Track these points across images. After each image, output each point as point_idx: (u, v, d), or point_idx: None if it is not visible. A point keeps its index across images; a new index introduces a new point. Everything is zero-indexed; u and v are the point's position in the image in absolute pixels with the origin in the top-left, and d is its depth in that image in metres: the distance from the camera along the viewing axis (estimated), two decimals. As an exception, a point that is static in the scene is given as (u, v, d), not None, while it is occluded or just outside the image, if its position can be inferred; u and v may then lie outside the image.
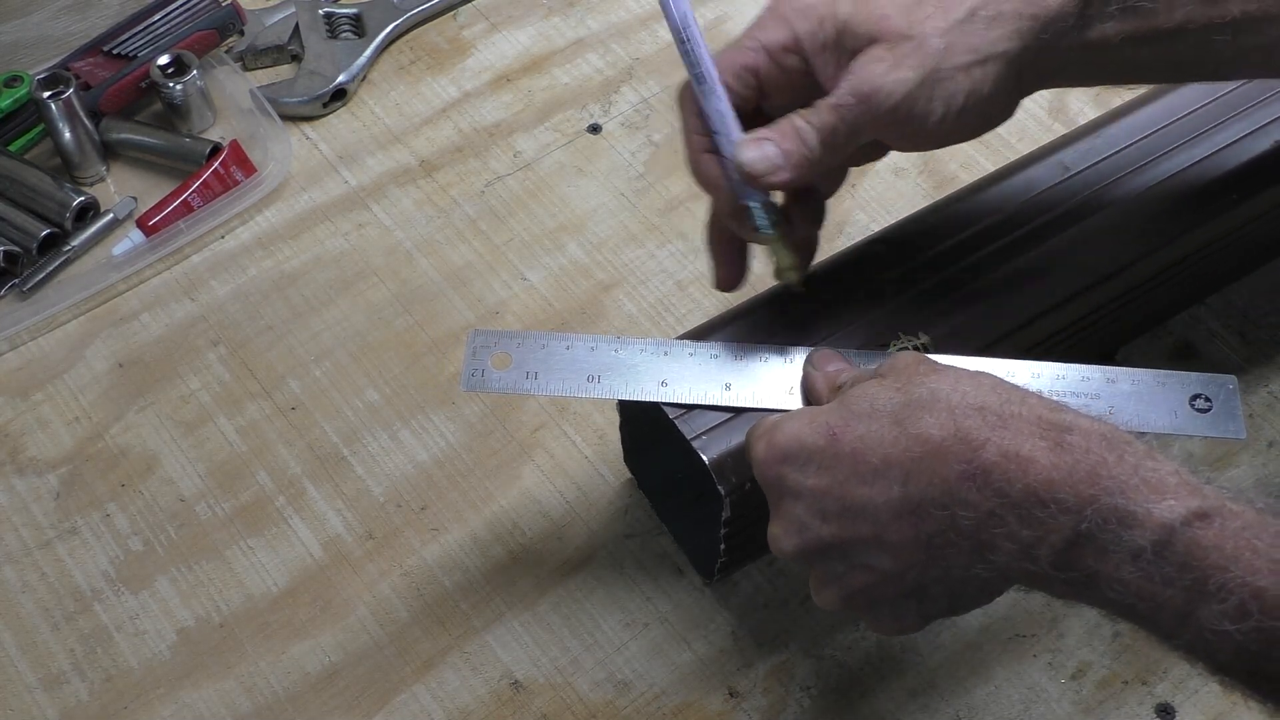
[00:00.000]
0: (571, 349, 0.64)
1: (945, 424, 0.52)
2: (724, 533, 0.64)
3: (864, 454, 0.53)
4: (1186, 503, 0.48)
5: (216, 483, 0.76)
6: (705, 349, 0.64)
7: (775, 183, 0.61)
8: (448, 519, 0.74)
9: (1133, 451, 0.50)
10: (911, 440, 0.52)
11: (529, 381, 0.63)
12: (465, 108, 0.93)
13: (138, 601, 0.72)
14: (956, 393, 0.52)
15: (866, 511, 0.53)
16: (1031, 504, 0.50)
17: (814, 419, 0.55)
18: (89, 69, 0.89)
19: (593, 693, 0.68)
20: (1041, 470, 0.50)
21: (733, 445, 0.62)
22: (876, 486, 0.53)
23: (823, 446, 0.54)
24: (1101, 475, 0.49)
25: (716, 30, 0.97)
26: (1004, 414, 0.52)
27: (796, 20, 0.60)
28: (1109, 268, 0.69)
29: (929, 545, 0.53)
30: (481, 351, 0.64)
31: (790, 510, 0.56)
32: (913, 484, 0.52)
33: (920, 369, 0.55)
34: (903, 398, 0.53)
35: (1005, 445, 0.51)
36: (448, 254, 0.85)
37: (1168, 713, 0.67)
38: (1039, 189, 0.71)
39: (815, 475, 0.54)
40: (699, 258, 0.84)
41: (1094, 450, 0.50)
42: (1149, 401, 0.61)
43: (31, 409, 0.79)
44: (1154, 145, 0.72)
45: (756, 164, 0.60)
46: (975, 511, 0.51)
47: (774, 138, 0.60)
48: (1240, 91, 0.73)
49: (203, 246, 0.86)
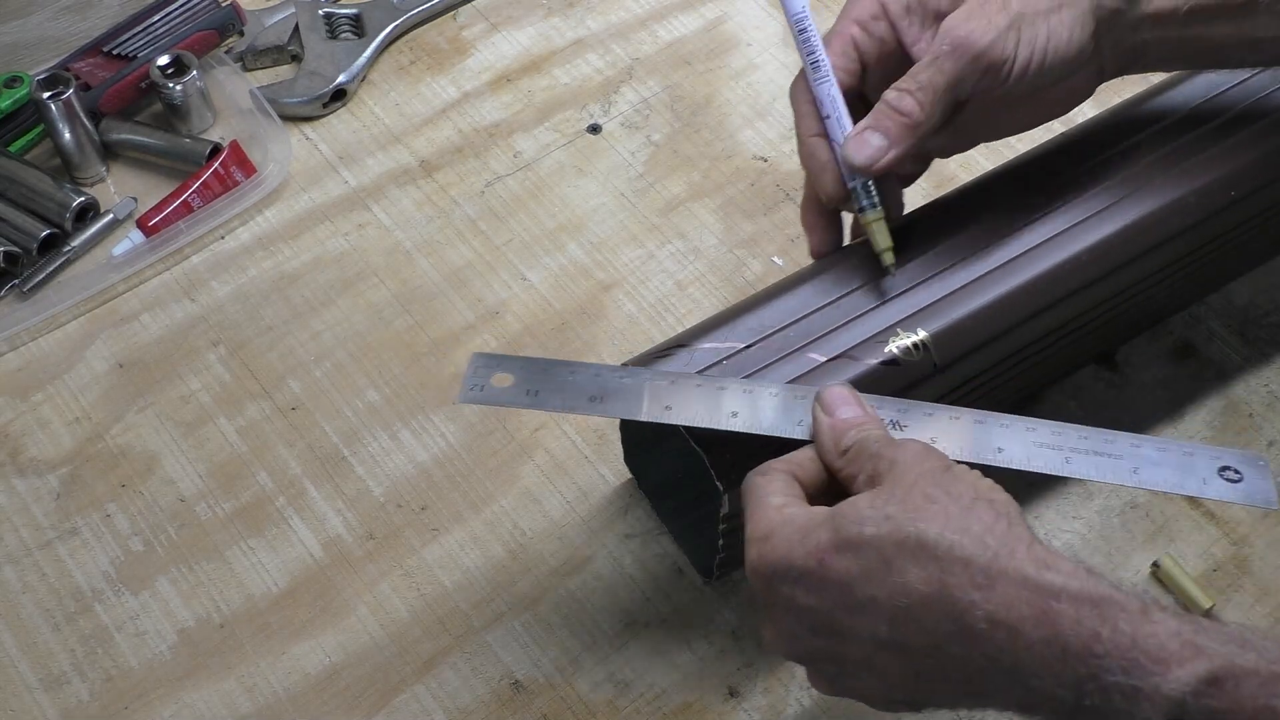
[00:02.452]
0: (575, 375, 0.62)
1: (931, 579, 0.50)
2: (722, 529, 0.64)
3: (850, 586, 0.52)
4: (1193, 669, 0.46)
5: (217, 483, 0.76)
6: (712, 381, 0.62)
7: (885, 166, 0.64)
8: (448, 519, 0.74)
9: (1126, 617, 0.48)
10: (896, 587, 0.51)
11: (529, 398, 0.62)
12: (465, 108, 0.93)
13: (138, 602, 0.72)
14: (944, 541, 0.50)
15: (853, 639, 0.53)
16: (1023, 674, 0.49)
17: (806, 538, 0.53)
18: (89, 69, 0.89)
19: (593, 693, 0.68)
20: (1029, 644, 0.48)
21: (731, 442, 0.62)
22: (863, 620, 0.52)
23: (811, 569, 0.53)
24: (1096, 651, 0.47)
25: (716, 30, 0.97)
26: (991, 572, 0.50)
27: None
28: (1107, 266, 0.69)
29: (918, 679, 0.52)
30: (482, 371, 0.62)
31: (781, 619, 0.55)
32: (899, 630, 0.51)
33: (915, 496, 0.52)
34: (891, 531, 0.51)
35: (992, 611, 0.49)
36: (448, 254, 0.85)
37: None
38: (1038, 187, 0.71)
39: (804, 595, 0.53)
40: (699, 257, 0.85)
41: (1085, 622, 0.48)
42: (1176, 469, 0.59)
43: (32, 409, 0.79)
44: (1154, 142, 0.72)
45: (862, 157, 0.64)
46: (966, 667, 0.50)
47: (873, 124, 0.64)
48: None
49: (203, 247, 0.86)
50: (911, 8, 0.65)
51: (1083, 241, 0.68)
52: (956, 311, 0.66)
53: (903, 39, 0.65)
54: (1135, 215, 0.70)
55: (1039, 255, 0.68)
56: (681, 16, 0.98)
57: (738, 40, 0.96)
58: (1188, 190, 0.70)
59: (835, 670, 0.55)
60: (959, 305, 0.66)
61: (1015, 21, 0.62)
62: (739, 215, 0.87)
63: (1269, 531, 0.73)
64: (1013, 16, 0.62)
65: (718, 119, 0.92)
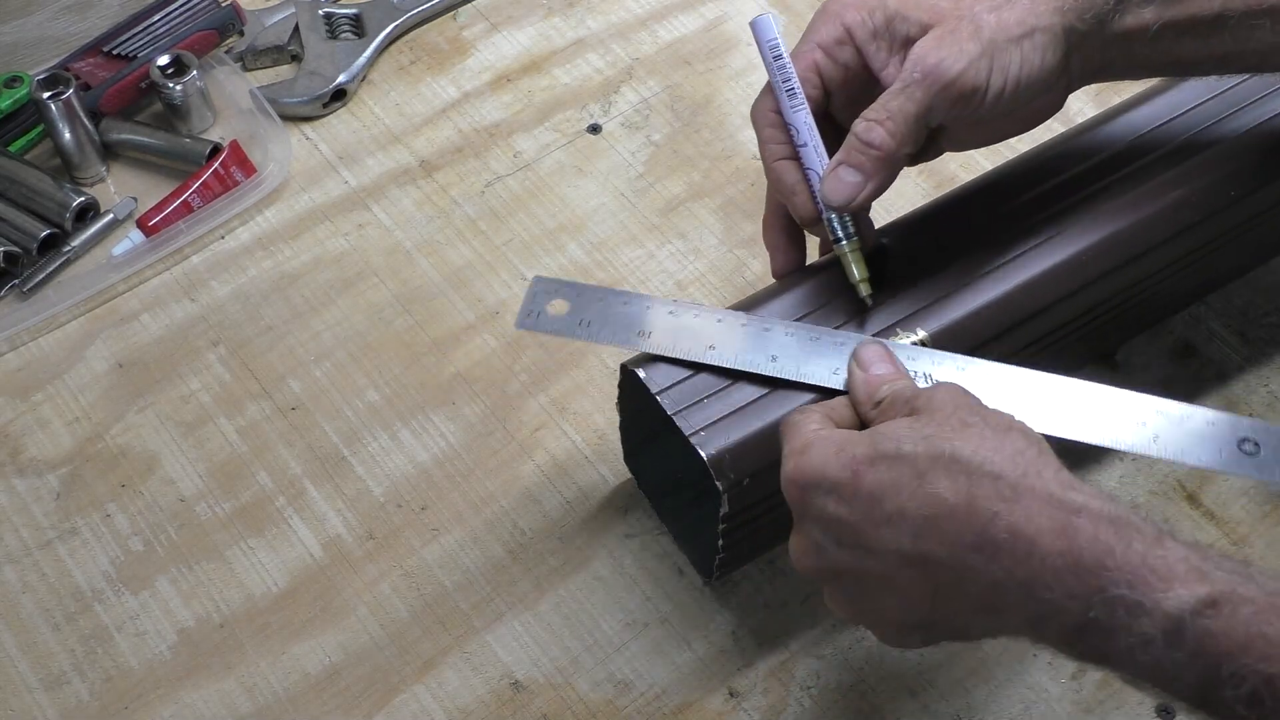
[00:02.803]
0: (628, 305, 0.65)
1: (960, 489, 0.52)
2: (722, 529, 0.64)
3: (880, 499, 0.53)
4: (1195, 591, 0.48)
5: (217, 483, 0.76)
6: (758, 322, 0.64)
7: (862, 202, 0.63)
8: (448, 519, 0.74)
9: (1141, 538, 0.50)
10: (926, 498, 0.52)
11: (581, 329, 0.65)
12: (465, 108, 0.93)
13: (138, 602, 0.72)
14: (977, 456, 0.52)
15: (878, 552, 0.54)
16: (1036, 585, 0.50)
17: (841, 450, 0.55)
18: (89, 69, 0.89)
19: (593, 693, 0.68)
20: (1046, 555, 0.50)
21: (731, 441, 0.62)
22: (889, 532, 0.53)
23: (845, 481, 0.54)
24: (1108, 565, 0.49)
25: (716, 30, 0.97)
26: (1018, 486, 0.51)
27: (845, 13, 0.64)
28: (1107, 265, 0.69)
29: (935, 595, 0.53)
30: (540, 296, 0.66)
31: (810, 531, 0.56)
32: (923, 540, 0.52)
33: (953, 421, 0.54)
34: (927, 448, 0.53)
35: (1014, 522, 0.51)
36: (448, 254, 0.85)
37: (1168, 713, 0.67)
38: (1039, 187, 0.71)
39: (835, 505, 0.55)
40: (699, 257, 0.85)
41: (1101, 537, 0.50)
42: (1196, 436, 0.60)
43: (32, 409, 0.79)
44: (1154, 141, 0.72)
45: (840, 198, 0.63)
46: (982, 579, 0.51)
47: (846, 159, 0.63)
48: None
49: (203, 247, 0.86)
50: (878, 33, 0.64)
51: (1083, 242, 0.68)
52: (957, 311, 0.66)
53: (870, 64, 0.65)
54: (1137, 215, 0.70)
55: (1039, 255, 0.68)
56: (681, 16, 0.98)
57: (738, 40, 0.96)
58: (1189, 189, 0.70)
59: (855, 589, 0.56)
60: (959, 305, 0.67)
61: (987, 49, 0.61)
62: (739, 215, 0.87)
63: (1269, 531, 0.73)
64: (984, 44, 0.61)
65: (718, 119, 0.92)
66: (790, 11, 0.98)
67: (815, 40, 0.65)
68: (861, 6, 0.64)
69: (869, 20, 0.64)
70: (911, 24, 0.63)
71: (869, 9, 0.64)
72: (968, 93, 0.62)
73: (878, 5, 0.64)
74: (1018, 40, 0.62)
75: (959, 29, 0.62)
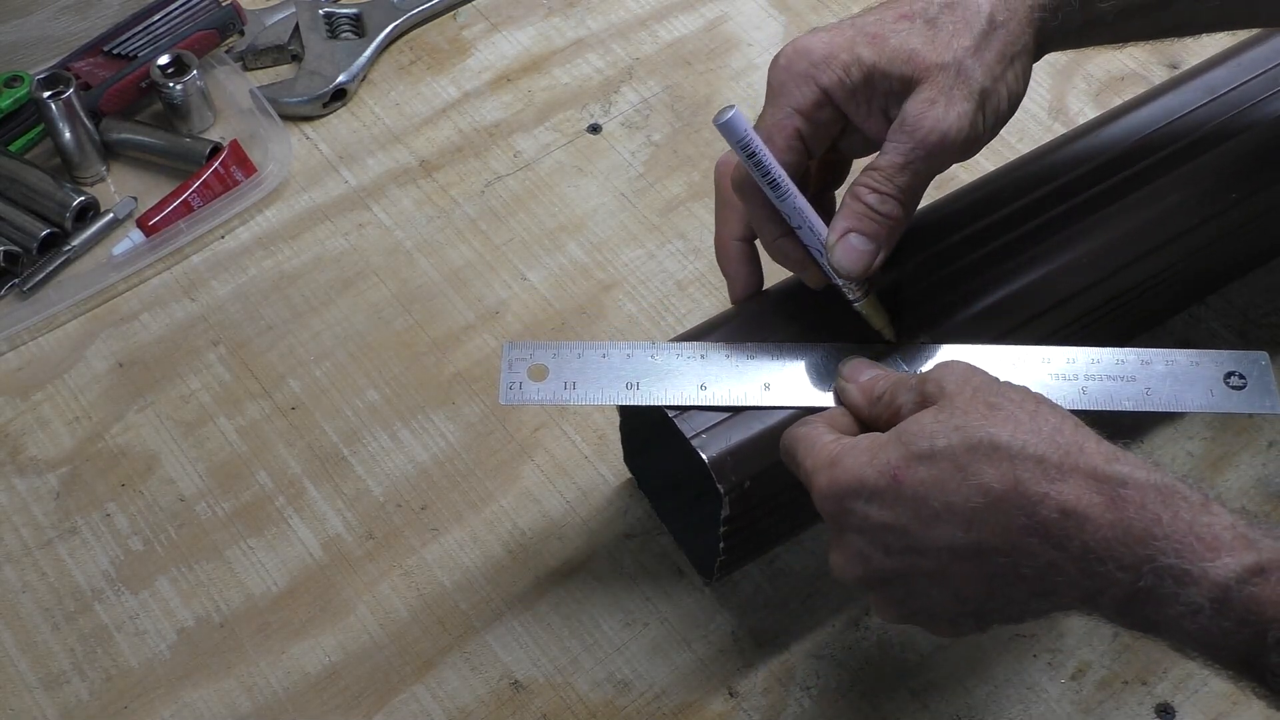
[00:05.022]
0: (607, 357, 0.64)
1: (1005, 476, 0.52)
2: (723, 531, 0.64)
3: (925, 498, 0.53)
4: (1242, 559, 0.48)
5: (216, 483, 0.76)
6: (741, 351, 0.64)
7: (876, 267, 0.62)
8: (448, 519, 0.74)
9: (1188, 506, 0.50)
10: (973, 490, 0.52)
11: (568, 391, 0.63)
12: (465, 108, 0.93)
13: (138, 601, 0.72)
14: (1016, 441, 0.52)
15: (929, 551, 0.54)
16: (1090, 560, 0.51)
17: (875, 457, 0.55)
18: (89, 69, 0.89)
19: (593, 693, 0.69)
20: (1098, 529, 0.50)
21: (732, 443, 0.62)
22: (939, 529, 0.53)
23: (885, 486, 0.54)
24: (1156, 534, 0.50)
25: (716, 30, 0.97)
26: (1063, 466, 0.52)
27: (819, 74, 0.61)
28: (1109, 267, 0.69)
29: (991, 582, 0.54)
30: (517, 364, 0.63)
31: (853, 542, 0.56)
32: (975, 531, 0.52)
33: (978, 406, 0.54)
34: (962, 440, 0.53)
35: (1063, 501, 0.51)
36: (448, 254, 0.85)
37: (1168, 713, 0.67)
38: (1037, 191, 0.71)
39: (878, 512, 0.55)
40: (699, 257, 0.85)
41: (1149, 506, 0.50)
42: (1185, 381, 0.61)
43: (32, 409, 0.79)
44: (1153, 144, 0.72)
45: (857, 267, 0.61)
46: (1037, 561, 0.52)
47: (856, 226, 0.61)
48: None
49: (203, 246, 0.86)
50: (857, 91, 0.61)
51: (1083, 245, 0.69)
52: (958, 313, 0.66)
53: (853, 120, 0.62)
54: (1137, 218, 0.70)
55: (1039, 259, 0.68)
56: (681, 16, 0.98)
57: (738, 40, 0.96)
58: (1189, 192, 0.70)
59: (904, 592, 0.56)
60: (960, 306, 0.67)
61: (980, 101, 0.60)
62: (739, 215, 0.87)
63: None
64: (977, 97, 0.60)
65: (718, 119, 0.92)
66: (790, 11, 0.98)
67: (792, 106, 0.61)
68: (834, 64, 0.60)
69: (846, 79, 0.60)
70: (893, 79, 0.60)
71: (844, 67, 0.60)
72: (968, 146, 0.61)
73: (852, 61, 0.60)
74: (1002, 77, 0.61)
75: (951, 89, 0.59)
